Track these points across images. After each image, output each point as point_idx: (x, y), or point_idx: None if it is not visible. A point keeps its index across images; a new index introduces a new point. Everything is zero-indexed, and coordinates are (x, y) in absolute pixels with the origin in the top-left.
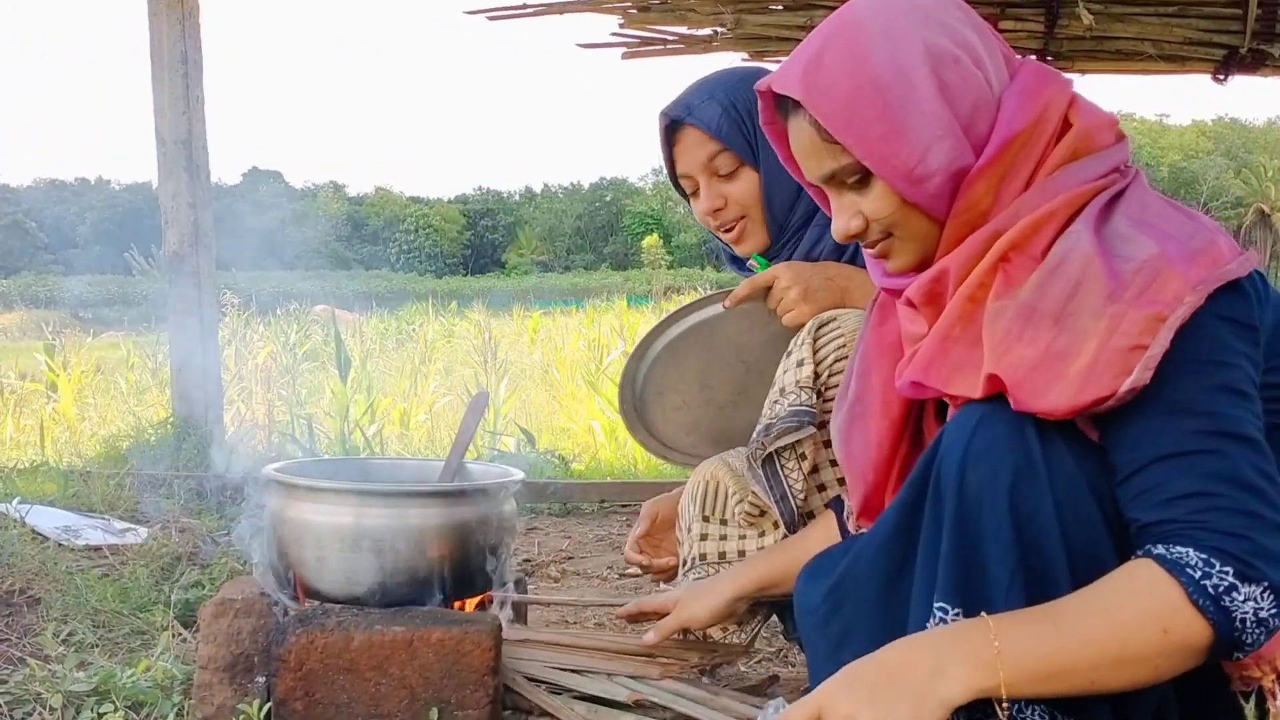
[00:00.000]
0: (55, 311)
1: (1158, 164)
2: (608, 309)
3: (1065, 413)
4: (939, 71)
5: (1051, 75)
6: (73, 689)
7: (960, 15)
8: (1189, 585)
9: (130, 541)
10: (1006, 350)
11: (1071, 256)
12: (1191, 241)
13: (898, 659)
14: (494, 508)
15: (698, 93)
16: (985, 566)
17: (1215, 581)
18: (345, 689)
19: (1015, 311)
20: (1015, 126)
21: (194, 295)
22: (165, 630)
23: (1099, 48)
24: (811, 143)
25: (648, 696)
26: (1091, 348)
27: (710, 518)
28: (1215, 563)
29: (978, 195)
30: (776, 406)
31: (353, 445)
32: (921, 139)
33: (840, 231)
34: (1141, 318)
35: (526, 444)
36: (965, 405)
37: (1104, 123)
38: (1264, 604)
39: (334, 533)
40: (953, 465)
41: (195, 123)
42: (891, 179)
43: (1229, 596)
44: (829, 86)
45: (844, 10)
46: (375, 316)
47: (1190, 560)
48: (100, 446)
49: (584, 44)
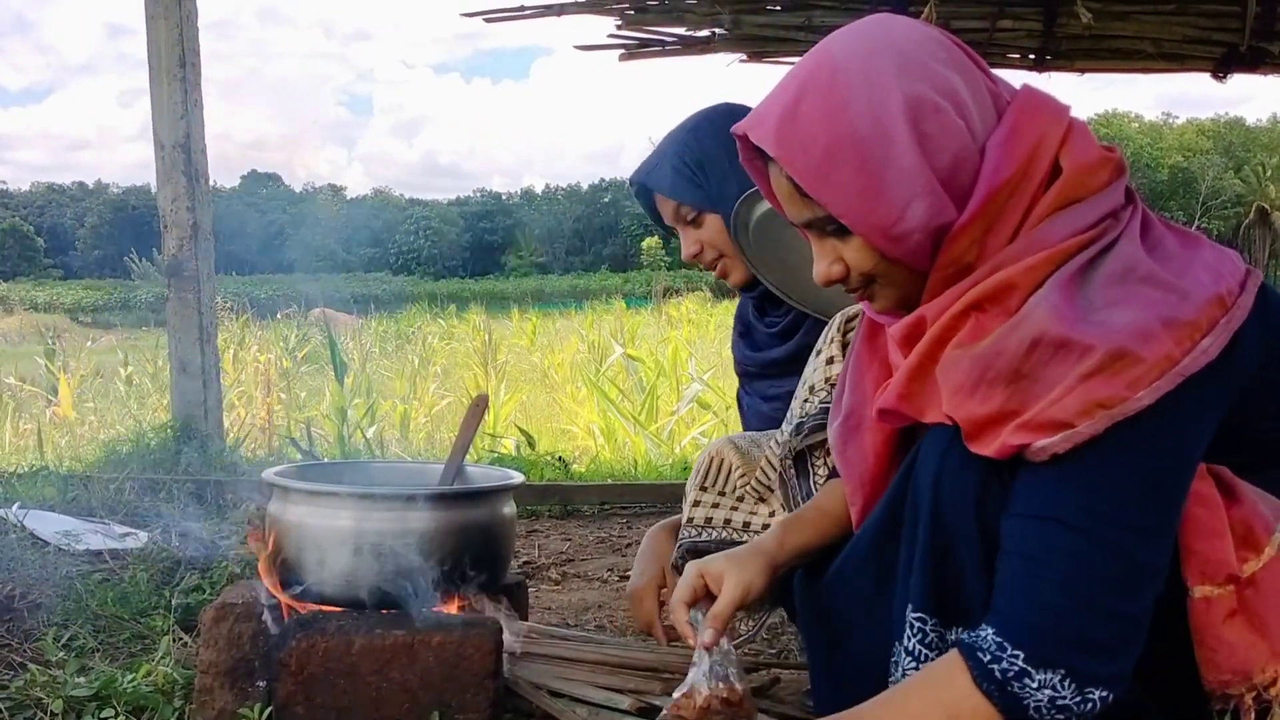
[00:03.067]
0: (55, 315)
1: (1158, 165)
2: (607, 311)
3: (996, 457)
4: (918, 124)
5: (1043, 108)
6: (74, 694)
7: (943, 55)
8: (975, 670)
9: (130, 546)
10: (959, 404)
11: (1033, 316)
12: (1170, 311)
13: None
14: (494, 510)
15: (653, 157)
16: (960, 579)
17: (1005, 666)
18: (346, 693)
19: (970, 364)
20: (1000, 177)
21: (193, 299)
22: (166, 635)
23: (1098, 46)
24: (790, 193)
25: (650, 702)
26: (1031, 410)
27: (708, 488)
28: (1008, 646)
29: (960, 250)
30: (807, 405)
31: (352, 448)
32: (899, 197)
33: (821, 277)
34: (1084, 399)
35: (526, 446)
36: (938, 426)
37: (1098, 160)
38: (1064, 691)
39: (334, 536)
40: (927, 481)
41: (194, 126)
42: (869, 236)
43: (1019, 682)
44: (804, 141)
45: (822, 51)
46: (374, 319)
47: (984, 643)
48: (100, 451)
49: (582, 46)
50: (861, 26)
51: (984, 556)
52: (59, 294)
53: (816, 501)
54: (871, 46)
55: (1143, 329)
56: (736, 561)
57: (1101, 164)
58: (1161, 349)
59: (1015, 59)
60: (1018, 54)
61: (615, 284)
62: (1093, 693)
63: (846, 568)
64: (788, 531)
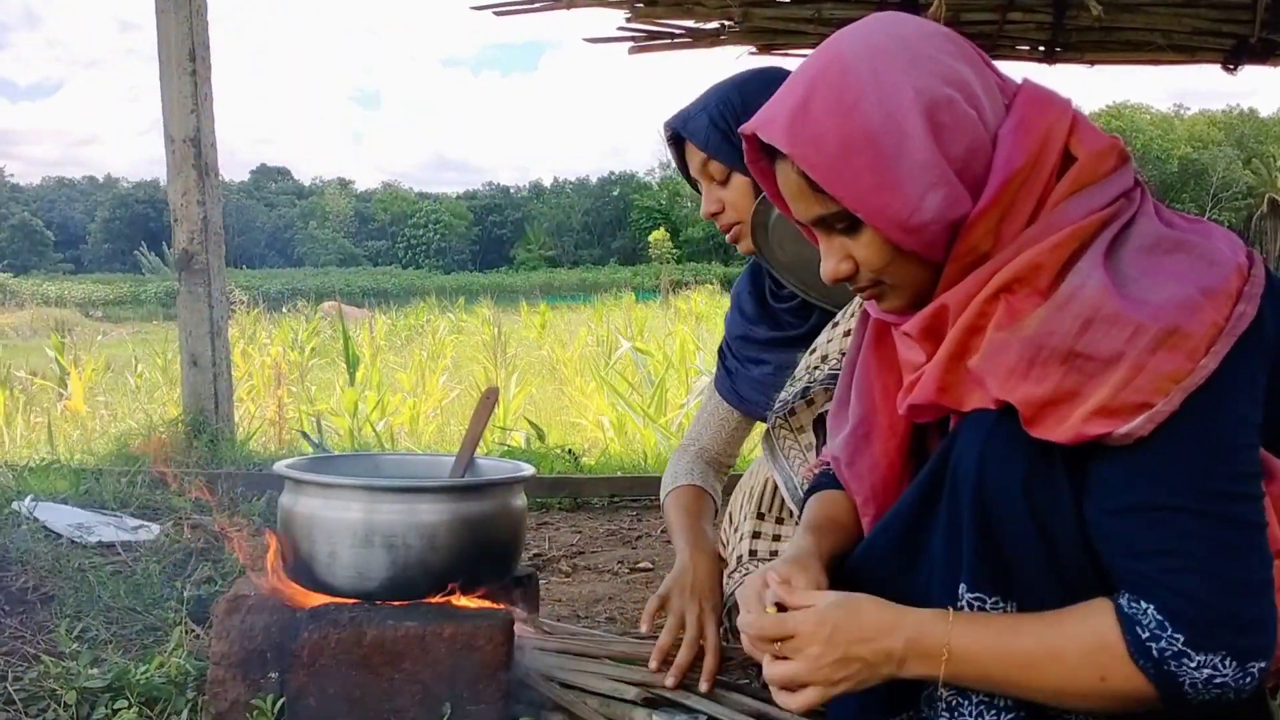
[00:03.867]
0: (66, 310)
1: (1169, 157)
2: (616, 304)
3: (1067, 443)
4: (932, 116)
5: (1049, 100)
6: (87, 685)
7: (951, 49)
8: (1133, 644)
9: (142, 539)
10: (1013, 387)
11: (1081, 294)
12: (1205, 280)
13: (876, 631)
14: (505, 503)
15: (695, 104)
16: (1013, 559)
17: (1164, 645)
18: (358, 684)
19: (1021, 347)
20: (1013, 165)
21: (203, 292)
22: (178, 626)
23: (1108, 39)
24: (799, 189)
25: (660, 694)
26: (1102, 394)
27: (765, 515)
28: (1169, 626)
29: (976, 238)
30: (815, 371)
31: (363, 441)
32: (915, 189)
33: (829, 274)
34: (1155, 375)
35: (536, 439)
36: (977, 411)
37: (1106, 147)
38: (1225, 670)
39: (345, 528)
40: (971, 463)
41: (204, 120)
42: (884, 229)
43: (1176, 662)
44: (817, 137)
45: (828, 51)
46: (384, 313)
47: (1145, 619)
48: (111, 444)
49: (591, 38)
50: (868, 24)
51: (1037, 533)
52: (70, 288)
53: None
54: (879, 42)
55: (1188, 301)
56: (799, 565)
57: (1109, 150)
58: (1208, 318)
59: (1025, 51)
60: (1027, 46)
61: (624, 277)
62: (1253, 666)
63: (872, 555)
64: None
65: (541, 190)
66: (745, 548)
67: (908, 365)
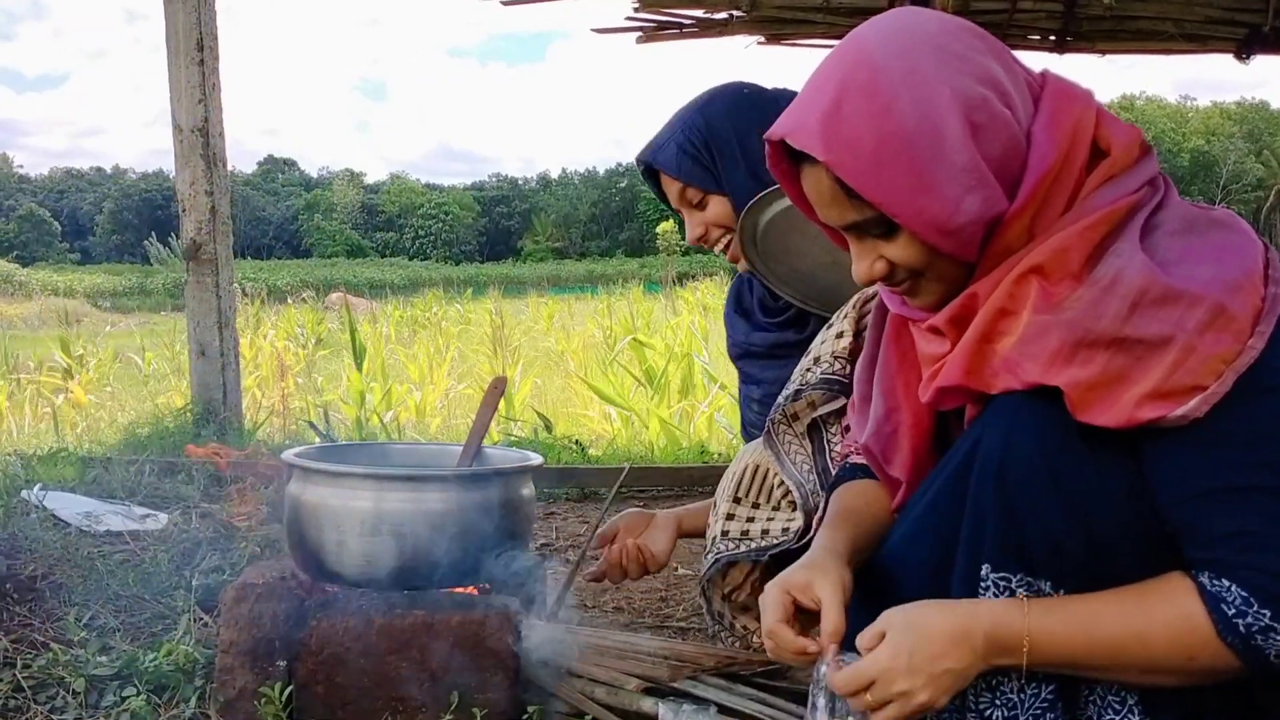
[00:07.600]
0: (73, 300)
1: (1179, 149)
2: (623, 295)
3: (1117, 428)
4: (969, 117)
5: (1074, 94)
6: (95, 673)
7: (980, 45)
8: (1220, 622)
9: (150, 527)
10: (1059, 371)
11: (1126, 275)
12: (1242, 262)
13: (951, 642)
14: (512, 492)
15: (661, 134)
16: (1039, 536)
17: (1250, 621)
18: (366, 672)
19: (1064, 330)
20: (1048, 162)
21: (211, 282)
22: (186, 614)
23: (1119, 27)
24: (832, 194)
25: (666, 683)
26: (1154, 377)
27: (742, 500)
28: (1254, 602)
29: (1012, 236)
30: (809, 374)
31: (370, 431)
32: (953, 191)
33: (863, 276)
34: (1206, 356)
35: (543, 429)
36: (1004, 394)
37: (1130, 139)
38: None
39: (353, 517)
40: (996, 441)
41: (212, 110)
42: (922, 232)
43: (1263, 636)
44: (852, 141)
45: (854, 49)
46: (391, 304)
47: (1230, 596)
48: (119, 433)
49: (599, 28)
50: (889, 21)
51: (1067, 510)
52: (77, 279)
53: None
54: (906, 41)
55: (1231, 282)
56: (818, 568)
57: (1134, 141)
58: (1249, 299)
59: (1035, 40)
60: (1038, 35)
61: (632, 269)
62: None
63: (904, 542)
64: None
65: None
66: (719, 529)
67: (926, 359)
